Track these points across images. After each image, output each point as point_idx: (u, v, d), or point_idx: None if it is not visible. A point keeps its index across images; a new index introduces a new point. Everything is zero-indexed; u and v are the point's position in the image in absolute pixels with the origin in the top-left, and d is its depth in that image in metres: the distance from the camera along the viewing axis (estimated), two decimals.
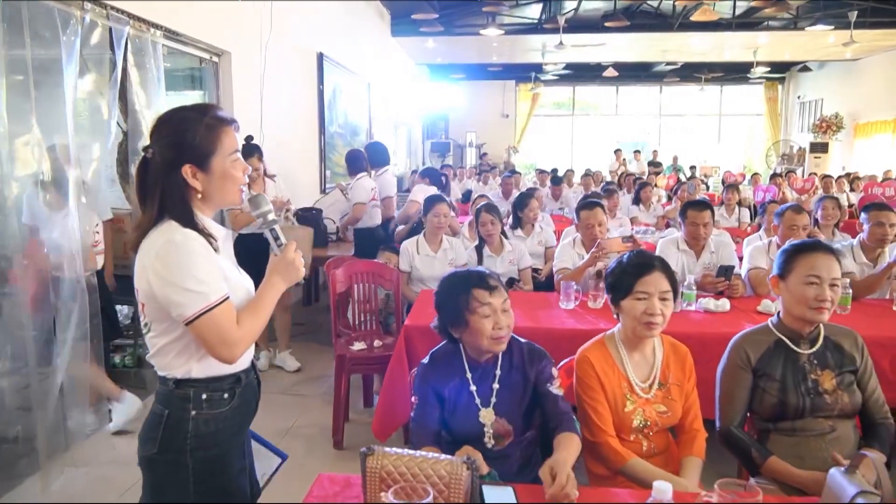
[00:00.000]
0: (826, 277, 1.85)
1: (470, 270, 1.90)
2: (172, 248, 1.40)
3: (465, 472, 1.36)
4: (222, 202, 1.54)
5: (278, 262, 1.56)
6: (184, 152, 1.45)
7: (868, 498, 1.18)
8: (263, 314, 1.53)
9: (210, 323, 1.40)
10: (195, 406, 1.49)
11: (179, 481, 1.48)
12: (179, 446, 1.48)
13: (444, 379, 1.84)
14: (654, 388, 1.86)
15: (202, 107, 1.52)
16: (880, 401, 1.92)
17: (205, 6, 4.30)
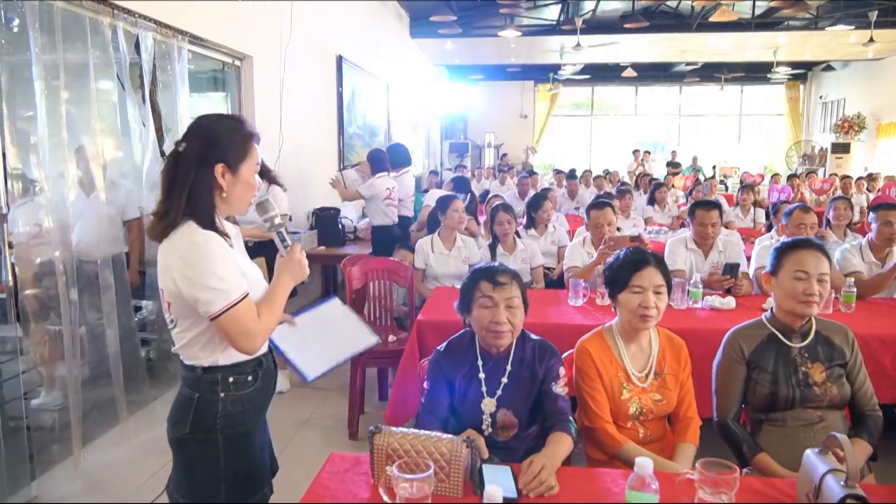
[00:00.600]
0: (813, 273, 1.93)
1: (490, 265, 1.99)
2: (195, 250, 1.52)
3: (464, 450, 1.47)
4: (237, 207, 1.65)
5: (286, 261, 1.70)
6: (219, 152, 1.57)
7: (836, 475, 1.27)
8: (277, 308, 1.66)
9: (233, 318, 1.53)
10: (223, 389, 1.62)
11: (210, 458, 1.62)
12: (210, 426, 1.61)
13: (456, 367, 1.93)
14: (650, 377, 1.96)
15: (238, 118, 1.67)
16: (868, 393, 1.99)
17: (228, 12, 4.46)
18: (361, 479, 1.54)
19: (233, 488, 1.63)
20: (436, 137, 14.99)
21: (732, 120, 17.39)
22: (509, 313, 1.87)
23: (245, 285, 1.58)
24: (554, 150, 17.98)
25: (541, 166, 16.59)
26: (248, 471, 1.67)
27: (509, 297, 1.88)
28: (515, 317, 1.88)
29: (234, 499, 1.63)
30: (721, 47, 12.36)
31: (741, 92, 16.99)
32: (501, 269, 1.93)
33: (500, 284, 1.88)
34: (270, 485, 1.77)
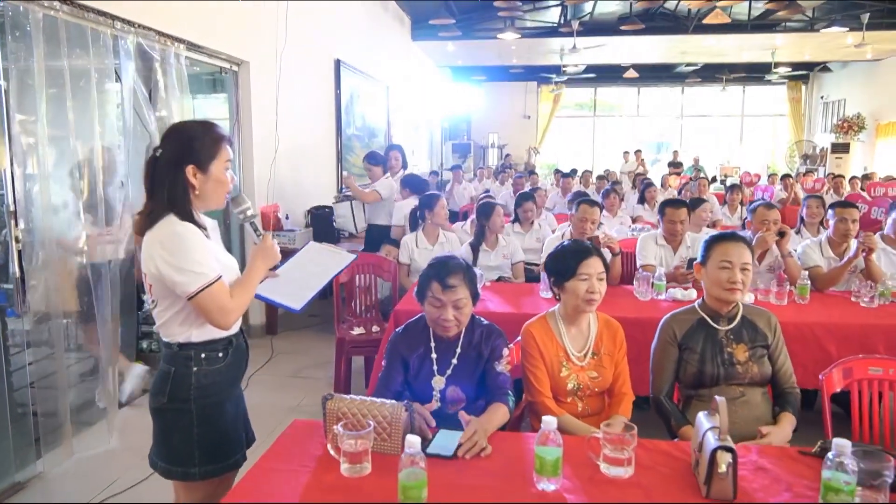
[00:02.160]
0: (737, 262, 2.13)
1: (448, 263, 2.10)
2: (175, 238, 1.73)
3: (403, 413, 1.68)
4: (211, 202, 1.85)
5: (259, 248, 1.90)
6: (190, 155, 1.78)
7: (714, 431, 1.47)
8: (250, 288, 1.87)
9: (209, 296, 1.73)
10: (196, 363, 1.83)
11: (185, 425, 1.82)
12: (184, 396, 1.82)
13: (412, 348, 2.14)
14: (587, 356, 2.16)
15: (207, 123, 1.89)
16: (788, 372, 2.18)
17: (225, 19, 4.69)
18: (317, 440, 1.75)
19: (205, 453, 1.84)
20: (438, 138, 15.20)
21: (735, 120, 17.49)
22: (456, 311, 2.03)
23: (219, 269, 1.78)
24: (557, 150, 18.16)
25: (544, 166, 16.78)
26: (219, 438, 1.87)
27: (456, 298, 2.03)
28: (462, 313, 2.05)
29: (206, 462, 1.84)
30: (720, 49, 12.50)
31: (743, 92, 17.08)
32: (453, 269, 2.05)
33: (449, 287, 2.02)
34: (244, 453, 1.98)
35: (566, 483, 1.52)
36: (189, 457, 1.83)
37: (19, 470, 3.03)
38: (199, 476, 1.84)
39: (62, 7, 3.17)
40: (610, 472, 1.56)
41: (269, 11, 5.35)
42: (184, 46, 4.20)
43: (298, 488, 1.52)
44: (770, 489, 1.51)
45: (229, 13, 4.76)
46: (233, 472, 1.93)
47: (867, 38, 9.36)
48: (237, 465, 1.94)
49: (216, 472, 1.88)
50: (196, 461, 1.83)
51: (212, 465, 1.86)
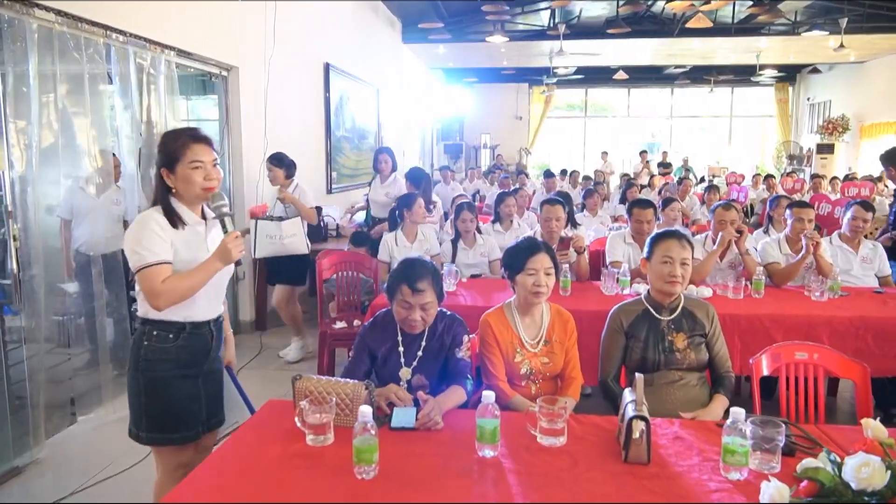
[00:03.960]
0: (677, 258, 2.32)
1: (416, 267, 2.24)
2: (135, 224, 2.03)
3: (363, 391, 1.88)
4: (187, 197, 2.09)
5: (221, 244, 2.06)
6: (161, 159, 2.07)
7: (633, 403, 1.67)
8: (191, 280, 2.02)
9: (144, 277, 1.97)
10: (147, 339, 2.07)
11: (136, 390, 2.10)
12: (135, 366, 2.08)
13: (379, 341, 2.32)
14: (540, 344, 2.35)
15: (175, 131, 2.14)
16: (724, 358, 2.39)
17: (214, 26, 4.88)
18: (288, 417, 1.94)
19: (151, 421, 2.08)
20: (430, 139, 15.39)
21: (724, 121, 17.72)
22: (423, 312, 2.20)
23: (165, 255, 2.00)
24: (549, 151, 18.37)
25: (536, 167, 16.99)
26: (165, 412, 2.08)
27: (424, 302, 2.19)
28: (428, 314, 2.21)
29: (152, 430, 2.09)
30: (706, 51, 12.72)
31: (731, 94, 17.31)
32: (422, 274, 2.19)
33: (418, 291, 2.17)
34: (197, 431, 2.16)
35: (504, 450, 1.72)
36: (139, 421, 2.10)
37: (17, 456, 3.21)
38: (146, 440, 2.10)
39: (57, 18, 3.35)
40: (545, 442, 1.76)
41: (257, 17, 5.54)
42: (174, 53, 4.39)
43: (268, 455, 1.72)
44: (682, 454, 1.70)
45: (219, 19, 4.95)
46: (184, 447, 2.14)
47: (846, 42, 9.58)
48: (186, 440, 2.13)
49: (161, 441, 2.11)
50: (143, 427, 2.09)
51: (157, 434, 2.10)
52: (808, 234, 3.64)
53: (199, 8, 4.67)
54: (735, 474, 1.57)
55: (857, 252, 3.99)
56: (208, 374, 2.21)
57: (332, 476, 1.60)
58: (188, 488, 1.55)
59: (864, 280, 3.94)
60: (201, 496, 1.51)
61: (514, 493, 1.51)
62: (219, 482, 1.57)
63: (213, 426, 2.24)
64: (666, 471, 1.62)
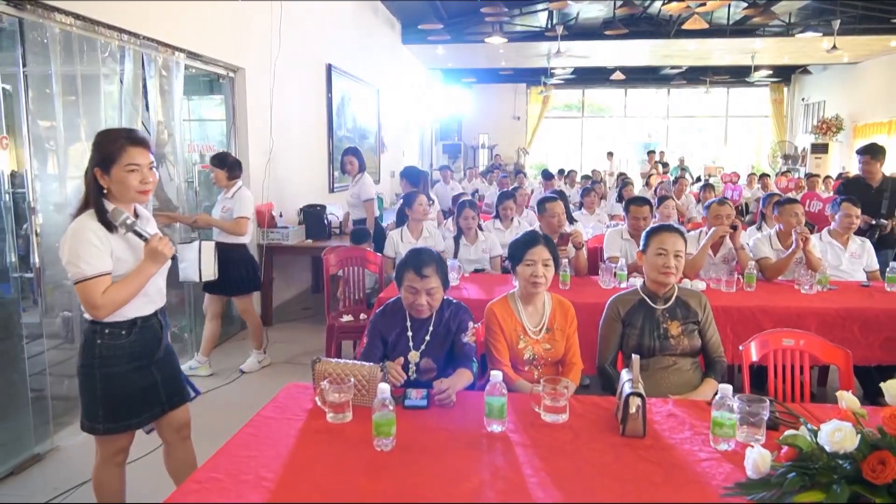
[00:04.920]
0: (671, 250, 2.46)
1: (422, 255, 2.39)
2: (70, 235, 2.04)
3: (378, 373, 2.01)
4: (123, 199, 2.11)
5: (146, 249, 2.13)
6: (95, 159, 2.09)
7: (630, 382, 1.81)
8: (130, 287, 2.10)
9: (82, 289, 2.02)
10: (100, 337, 2.14)
11: (91, 387, 2.17)
12: (90, 363, 2.15)
13: (390, 326, 2.46)
14: (542, 331, 2.49)
15: (109, 131, 2.21)
16: (716, 343, 2.53)
17: (222, 28, 5.01)
18: (307, 398, 2.08)
19: (107, 412, 2.18)
20: (429, 139, 15.53)
21: (719, 121, 17.90)
22: (429, 297, 2.34)
23: (104, 267, 2.05)
24: (546, 150, 18.52)
25: (533, 167, 17.14)
26: (120, 402, 2.19)
27: (430, 287, 2.32)
28: (434, 298, 2.35)
29: (108, 421, 2.19)
30: (702, 52, 12.89)
31: (727, 94, 17.49)
32: (427, 260, 2.33)
33: (423, 277, 2.31)
34: (155, 413, 2.30)
35: (511, 426, 1.86)
36: (94, 412, 2.18)
37: (38, 443, 3.34)
38: (102, 431, 2.19)
39: (75, 22, 3.48)
40: (548, 419, 1.90)
41: (263, 19, 5.67)
42: (184, 55, 4.52)
43: (292, 431, 1.85)
44: (675, 429, 1.85)
45: (226, 22, 5.08)
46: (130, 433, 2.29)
47: (839, 43, 9.75)
48: (140, 425, 2.27)
49: (117, 429, 2.21)
50: (100, 418, 2.18)
51: (112, 424, 2.20)
52: (799, 230, 3.79)
53: (207, 11, 4.80)
54: (723, 445, 1.71)
55: (846, 248, 4.13)
56: (161, 358, 2.31)
57: (353, 448, 1.74)
58: (223, 458, 1.68)
59: (853, 275, 4.09)
60: (237, 463, 1.64)
61: (522, 462, 1.65)
62: (250, 453, 1.71)
63: (177, 403, 2.37)
64: (660, 443, 1.76)
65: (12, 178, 3.35)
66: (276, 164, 5.88)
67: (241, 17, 5.29)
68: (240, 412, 3.29)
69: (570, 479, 1.57)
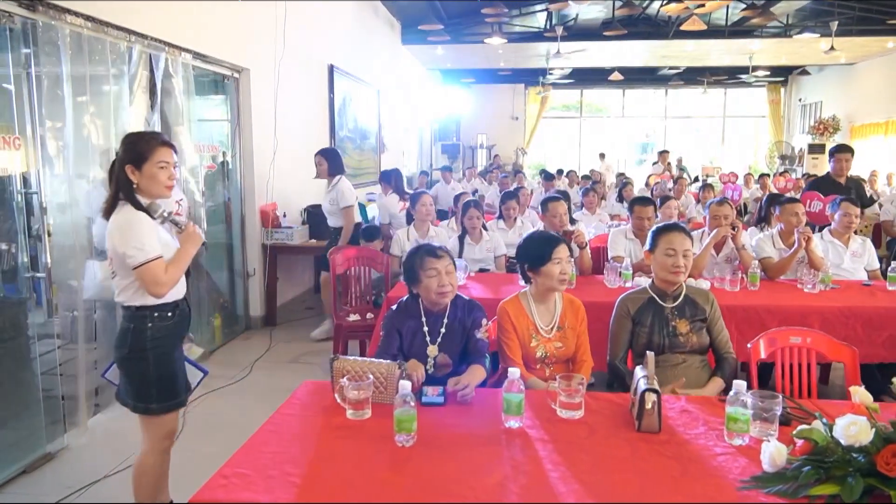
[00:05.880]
0: (679, 250, 2.50)
1: (426, 243, 2.53)
2: (126, 223, 2.22)
3: (396, 370, 2.05)
4: (151, 194, 2.31)
5: (185, 235, 2.37)
6: (128, 157, 2.26)
7: (645, 378, 1.85)
8: (182, 266, 2.33)
9: (147, 270, 2.20)
10: (150, 321, 2.31)
11: (143, 370, 2.32)
12: (142, 346, 2.30)
13: (404, 321, 2.50)
14: (554, 330, 2.53)
15: (143, 133, 2.41)
16: (724, 340, 2.57)
17: (227, 29, 5.04)
18: (325, 395, 2.11)
19: (161, 392, 2.35)
20: (428, 139, 15.56)
21: (717, 121, 17.98)
22: (449, 277, 2.41)
23: (159, 250, 2.25)
24: (545, 150, 18.58)
25: (532, 167, 17.19)
26: (171, 379, 2.37)
27: (447, 264, 2.42)
28: (453, 279, 2.44)
29: (162, 400, 2.35)
30: (700, 53, 12.95)
31: (724, 94, 17.58)
32: (434, 244, 2.50)
33: (440, 257, 2.41)
34: (187, 394, 2.47)
35: (528, 422, 1.90)
36: (148, 395, 2.34)
37: (50, 442, 3.36)
38: (157, 411, 2.36)
39: (86, 24, 3.50)
40: (564, 415, 1.93)
41: (267, 20, 5.70)
42: (190, 56, 4.54)
43: (313, 428, 1.88)
44: (689, 424, 1.88)
45: (231, 23, 5.11)
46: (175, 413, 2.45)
47: (837, 44, 9.82)
48: (183, 403, 2.45)
49: (170, 407, 2.38)
50: (154, 398, 2.34)
51: (166, 402, 2.37)
52: (801, 229, 3.83)
53: (213, 12, 4.83)
54: (738, 440, 1.75)
55: (847, 247, 4.18)
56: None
57: (374, 444, 1.77)
58: (247, 454, 1.71)
59: (854, 274, 4.13)
60: (261, 459, 1.67)
61: (542, 457, 1.68)
62: (273, 449, 1.74)
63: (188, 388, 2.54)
64: (675, 438, 1.80)
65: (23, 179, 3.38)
66: (280, 164, 5.90)
67: (245, 19, 5.32)
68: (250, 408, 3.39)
69: (589, 474, 1.60)
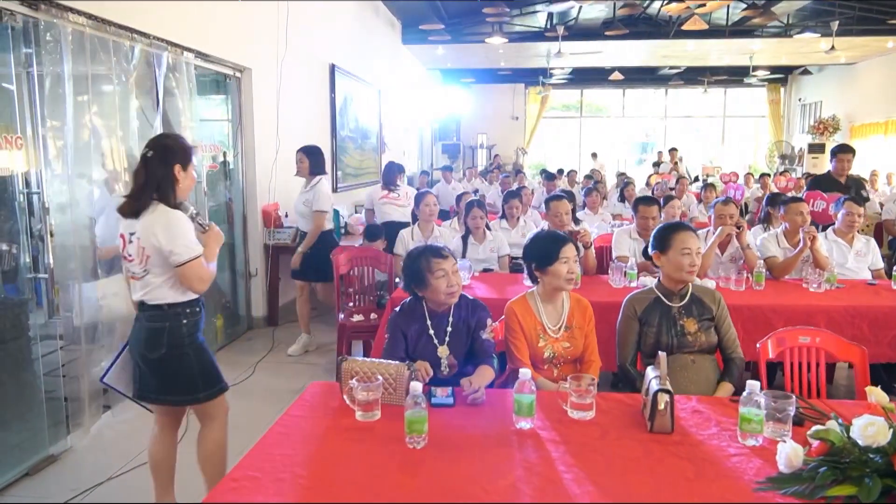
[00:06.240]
0: (693, 249, 2.50)
1: (428, 244, 2.52)
2: (174, 220, 2.29)
3: (406, 371, 2.03)
4: (184, 194, 2.42)
5: (209, 234, 2.47)
6: (179, 157, 2.35)
7: (657, 379, 1.84)
8: (214, 264, 2.46)
9: (194, 266, 2.31)
10: (185, 317, 2.40)
11: (186, 364, 2.41)
12: (180, 343, 2.38)
13: (409, 323, 2.48)
14: (561, 330, 2.51)
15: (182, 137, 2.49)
16: (732, 338, 2.56)
17: (229, 29, 5.02)
18: (333, 396, 2.10)
19: (205, 380, 2.46)
20: (428, 139, 15.55)
21: (717, 121, 17.98)
22: (456, 277, 2.40)
23: (201, 248, 2.35)
24: (545, 150, 18.57)
25: (532, 166, 17.18)
26: (211, 366, 2.49)
27: (453, 263, 2.41)
28: (459, 278, 2.43)
29: (208, 388, 2.46)
30: (700, 53, 12.95)
31: (724, 94, 17.58)
32: (439, 245, 2.49)
33: (445, 257, 2.39)
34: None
35: (539, 423, 1.88)
36: (195, 387, 2.43)
37: (52, 444, 3.34)
38: (203, 399, 2.45)
39: (88, 22, 3.48)
40: (575, 415, 1.92)
41: (270, 20, 5.68)
42: (192, 55, 4.53)
43: (322, 430, 1.87)
44: (702, 425, 1.87)
45: (234, 23, 5.09)
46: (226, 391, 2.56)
47: (837, 44, 9.82)
48: (226, 388, 2.55)
49: (215, 394, 2.49)
50: (201, 389, 2.44)
51: (212, 389, 2.48)
52: (806, 228, 3.82)
53: (215, 11, 4.81)
54: (751, 440, 1.73)
55: (851, 246, 4.17)
56: None
57: (385, 446, 1.76)
58: (257, 457, 1.69)
59: (858, 273, 4.12)
60: (271, 462, 1.66)
61: (555, 459, 1.67)
62: (284, 451, 1.72)
63: None
64: (688, 439, 1.78)
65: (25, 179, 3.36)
66: (282, 164, 5.88)
67: (247, 18, 5.30)
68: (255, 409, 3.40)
69: (603, 475, 1.59)
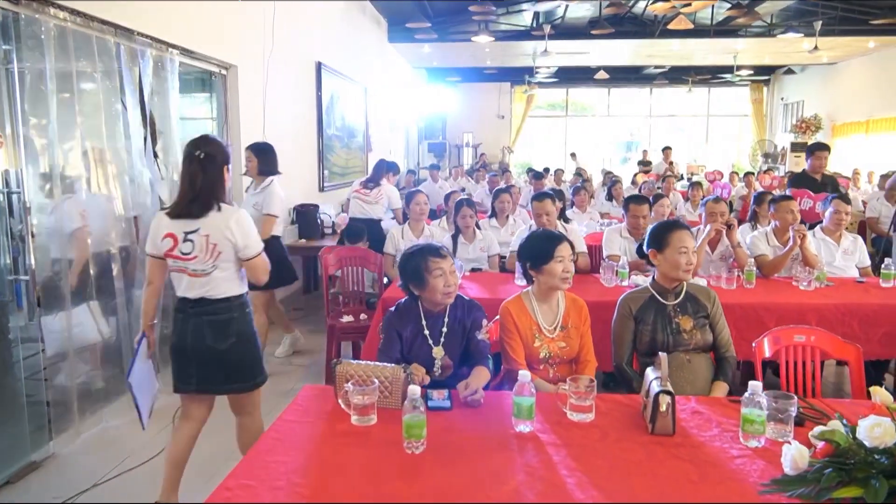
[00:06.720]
0: (690, 248, 2.49)
1: (426, 243, 2.49)
2: (244, 216, 2.53)
3: (402, 374, 1.99)
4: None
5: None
6: (226, 157, 2.54)
7: (658, 380, 1.81)
8: None
9: (263, 259, 2.58)
10: (246, 306, 2.63)
11: (252, 349, 2.62)
12: (248, 329, 2.61)
13: (404, 323, 2.44)
14: (557, 329, 2.49)
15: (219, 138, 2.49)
16: (726, 338, 2.55)
17: (215, 26, 4.94)
18: (327, 400, 2.05)
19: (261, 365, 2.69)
20: (414, 138, 15.49)
21: (701, 120, 18.11)
22: (453, 276, 2.37)
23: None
24: (531, 149, 18.59)
25: (518, 165, 17.18)
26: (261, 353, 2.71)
27: (451, 263, 2.39)
28: (456, 279, 2.41)
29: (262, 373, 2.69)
30: (685, 52, 13.02)
31: (708, 93, 17.70)
32: (437, 244, 2.45)
33: (443, 256, 2.37)
34: None
35: (539, 426, 1.85)
36: (259, 369, 2.66)
37: (34, 450, 3.25)
38: (261, 382, 2.67)
39: (71, 17, 3.40)
40: (574, 418, 1.89)
41: (256, 17, 5.60)
42: (177, 52, 4.44)
43: (318, 435, 1.82)
44: (703, 426, 1.85)
45: (220, 20, 5.01)
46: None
47: (820, 44, 9.92)
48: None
49: (266, 378, 2.70)
50: (260, 370, 2.67)
51: (265, 374, 2.71)
52: (796, 227, 3.84)
53: (200, 8, 4.73)
54: (753, 442, 1.72)
55: (839, 244, 4.19)
56: None
57: (383, 451, 1.71)
58: (252, 464, 1.65)
59: (846, 271, 4.15)
60: (266, 469, 1.61)
61: (556, 462, 1.64)
62: (278, 458, 1.67)
63: None
64: (690, 440, 1.76)
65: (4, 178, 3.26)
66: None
67: (233, 15, 5.22)
68: None
69: (606, 479, 1.56)
